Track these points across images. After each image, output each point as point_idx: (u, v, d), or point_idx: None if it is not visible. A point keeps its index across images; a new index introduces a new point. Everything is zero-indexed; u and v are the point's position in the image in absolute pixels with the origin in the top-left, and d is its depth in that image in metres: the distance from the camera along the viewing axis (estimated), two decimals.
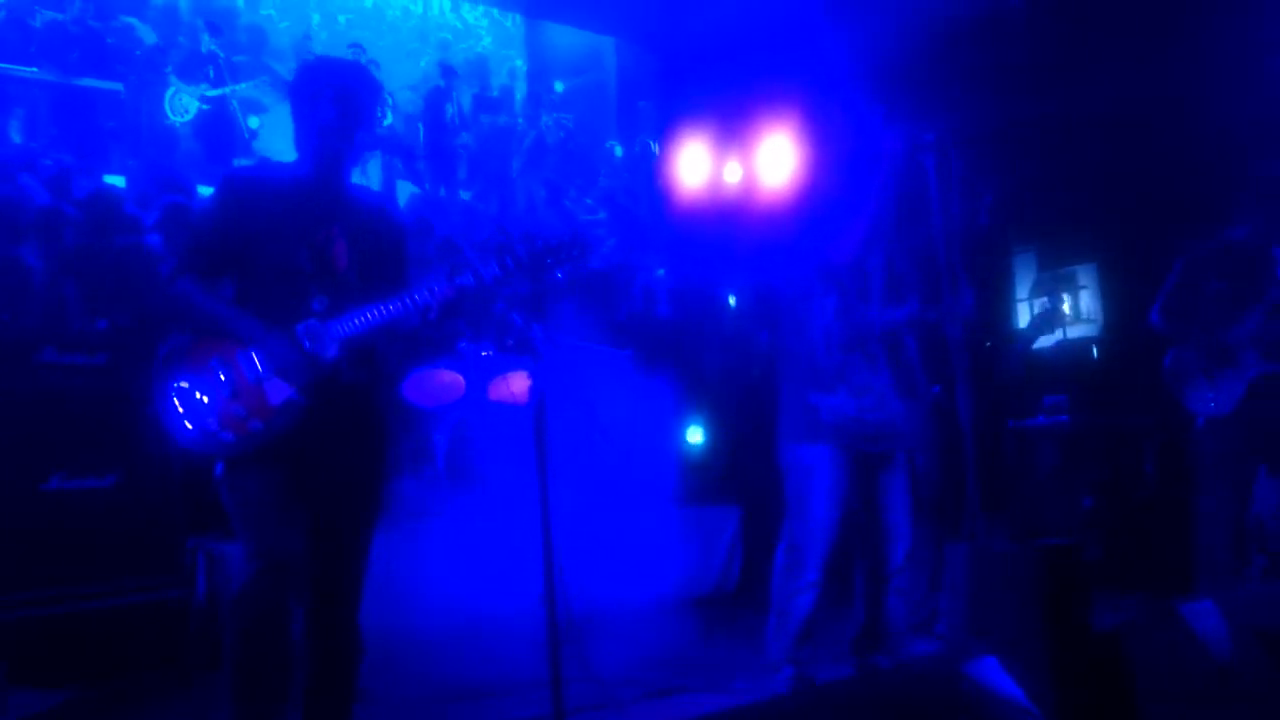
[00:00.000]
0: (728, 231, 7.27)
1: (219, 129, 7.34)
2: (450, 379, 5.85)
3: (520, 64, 9.23)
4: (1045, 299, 8.70)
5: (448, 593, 4.57)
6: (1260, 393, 4.13)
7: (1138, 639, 2.05)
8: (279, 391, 2.64)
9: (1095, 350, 7.88)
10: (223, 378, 2.63)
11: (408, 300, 2.70)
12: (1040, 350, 8.51)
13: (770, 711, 1.94)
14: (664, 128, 8.21)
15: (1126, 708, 1.96)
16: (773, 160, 7.18)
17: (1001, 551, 2.15)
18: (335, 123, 2.74)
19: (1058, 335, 8.52)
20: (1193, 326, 4.32)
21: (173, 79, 7.23)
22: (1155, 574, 5.10)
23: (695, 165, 7.67)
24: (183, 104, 7.29)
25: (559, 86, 9.24)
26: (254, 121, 7.90)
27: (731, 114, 7.53)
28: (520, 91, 9.06)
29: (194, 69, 7.37)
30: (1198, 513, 4.34)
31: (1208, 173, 5.61)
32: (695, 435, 6.31)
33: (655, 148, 8.35)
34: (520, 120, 8.71)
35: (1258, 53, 6.13)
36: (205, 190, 5.91)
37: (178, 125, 7.26)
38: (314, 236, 2.74)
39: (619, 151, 8.91)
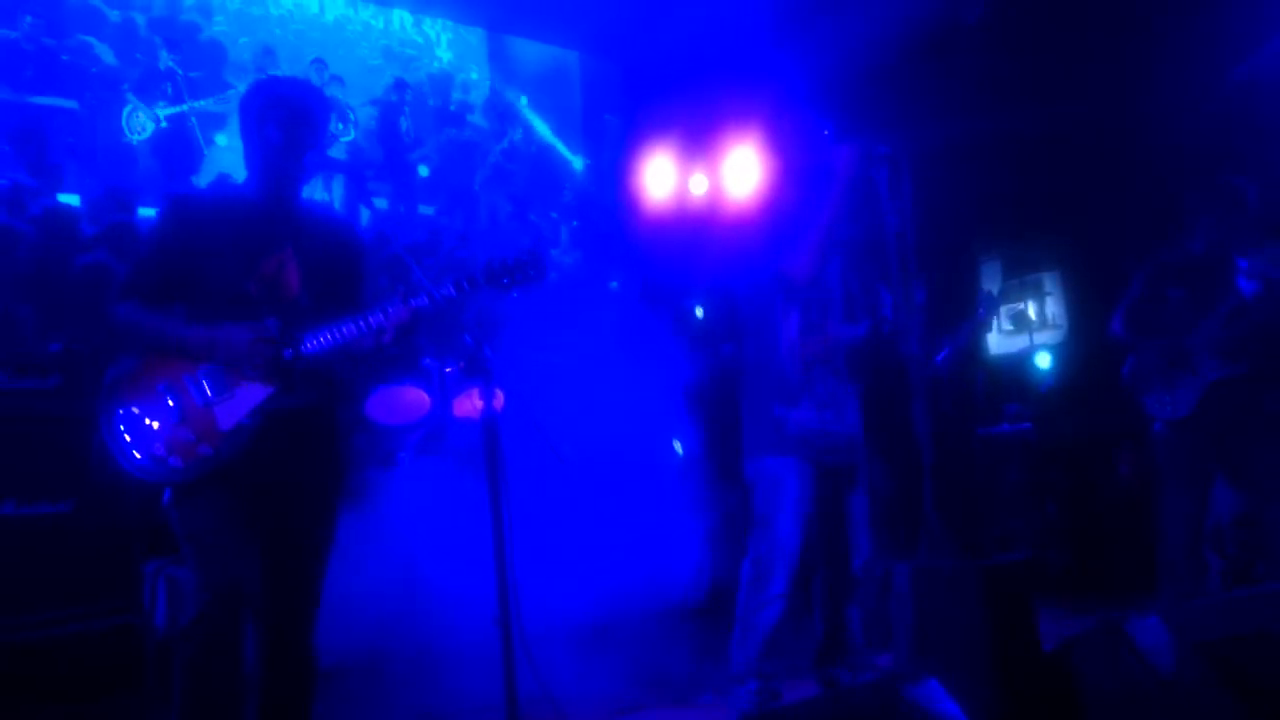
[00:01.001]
0: (694, 244, 7.28)
1: (177, 147, 7.27)
2: (414, 396, 5.81)
3: (483, 78, 9.20)
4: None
5: (407, 612, 4.53)
6: (1217, 398, 4.19)
7: (1084, 656, 2.06)
8: (229, 416, 2.60)
9: (1050, 357, 7.96)
10: (170, 403, 2.59)
11: (361, 323, 2.68)
12: (1005, 356, 8.59)
13: None
14: (629, 141, 8.21)
15: None
16: (738, 173, 7.19)
17: (945, 569, 2.15)
18: (283, 143, 2.71)
19: (1024, 342, 8.62)
20: (1153, 333, 4.38)
21: (130, 96, 7.16)
22: (1121, 579, 5.14)
23: (661, 178, 7.66)
24: (140, 122, 7.21)
25: (523, 100, 9.22)
26: (223, 139, 7.84)
27: (697, 127, 7.54)
28: (484, 106, 9.03)
29: (151, 86, 7.29)
30: (1158, 517, 4.40)
31: (1171, 181, 5.69)
32: (679, 446, 6.31)
33: (621, 161, 8.35)
34: (484, 134, 8.68)
35: (1218, 67, 6.24)
36: (147, 211, 5.85)
37: (135, 143, 7.18)
38: (263, 260, 2.70)
39: (578, 165, 8.90)
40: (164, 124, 7.32)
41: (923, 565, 2.21)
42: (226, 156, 7.66)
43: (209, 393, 2.60)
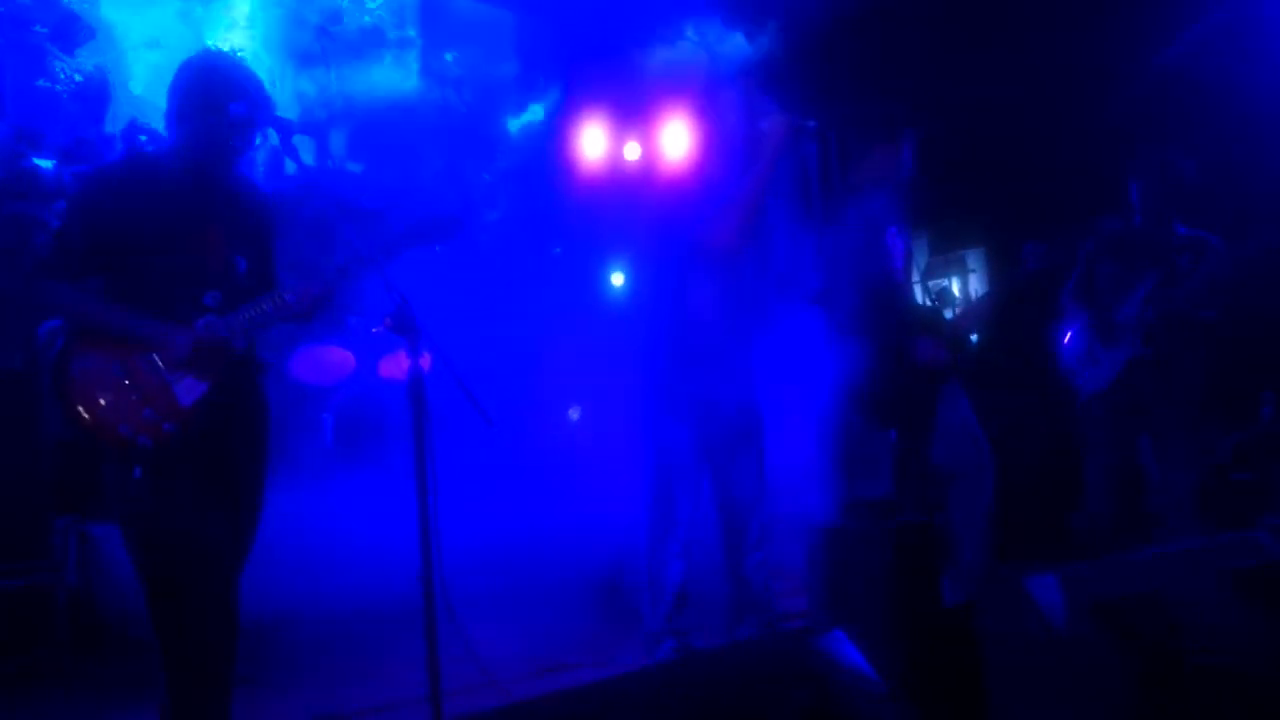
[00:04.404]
0: (626, 210, 7.28)
1: (95, 94, 7.01)
2: (339, 356, 5.77)
3: (415, 35, 9.01)
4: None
5: (330, 572, 4.52)
6: (1130, 376, 4.36)
7: (984, 611, 2.17)
8: (189, 392, 2.63)
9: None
10: (127, 383, 2.58)
11: (302, 291, 2.74)
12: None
13: (634, 682, 1.99)
14: (563, 105, 8.15)
15: (972, 677, 2.07)
16: (672, 142, 7.20)
17: (856, 529, 2.24)
18: (217, 127, 2.71)
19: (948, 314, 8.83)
20: (1088, 307, 4.52)
21: (47, 43, 6.88)
22: (1041, 548, 5.31)
23: (594, 143, 7.63)
24: (58, 67, 6.95)
25: (452, 58, 9.08)
26: (137, 87, 7.59)
27: (631, 94, 7.52)
28: (415, 63, 8.86)
29: (68, 32, 7.00)
30: (1085, 484, 4.58)
31: (1092, 161, 5.85)
32: (575, 413, 6.37)
33: (553, 124, 8.29)
34: (415, 92, 8.53)
35: (1143, 50, 6.42)
36: (45, 163, 5.70)
37: (58, 90, 6.92)
38: (195, 232, 2.71)
39: (514, 126, 8.80)
40: (91, 68, 7.09)
41: (835, 525, 2.30)
42: (142, 104, 7.42)
43: (164, 371, 2.61)
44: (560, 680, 3.81)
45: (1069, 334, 4.62)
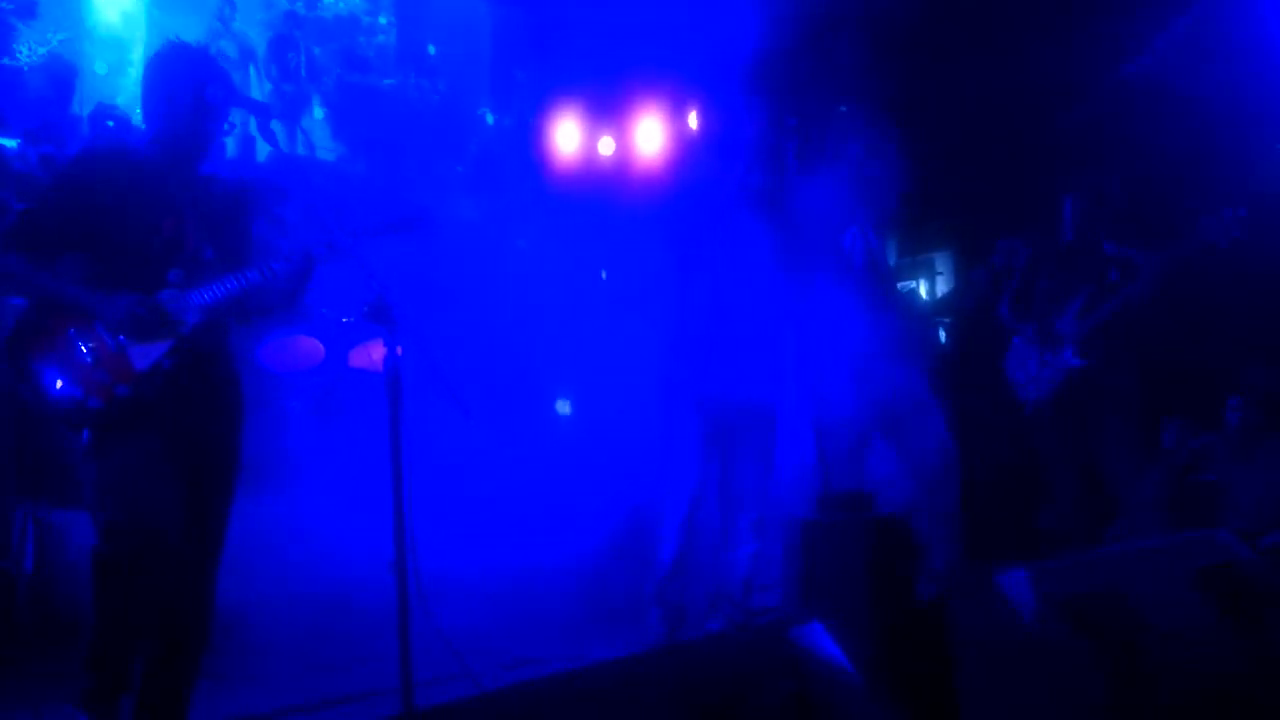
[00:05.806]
0: (601, 206, 7.29)
1: (65, 74, 6.91)
2: (309, 345, 5.73)
3: (391, 23, 8.95)
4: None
5: (300, 561, 4.49)
6: (1073, 385, 4.50)
7: (956, 604, 2.21)
8: (144, 357, 2.62)
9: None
10: (84, 348, 2.60)
11: (265, 269, 2.76)
12: None
13: (609, 672, 2.00)
14: (539, 98, 8.13)
15: (943, 670, 2.10)
16: (646, 137, 7.22)
17: (833, 523, 2.27)
18: (190, 114, 2.78)
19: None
20: (1028, 319, 4.69)
21: (13, 19, 6.77)
22: (1007, 550, 5.40)
23: (569, 137, 7.64)
24: (26, 47, 6.84)
25: (430, 49, 9.04)
26: (101, 67, 7.50)
27: (607, 88, 7.53)
28: (391, 52, 8.79)
29: (28, 13, 6.89)
30: (1049, 488, 4.71)
31: (1060, 165, 5.94)
32: (564, 407, 6.38)
33: (529, 118, 8.27)
34: (390, 81, 8.47)
35: (1108, 63, 6.54)
36: (9, 142, 5.64)
37: (25, 69, 6.80)
38: (164, 218, 2.74)
39: (490, 119, 8.78)
40: (56, 43, 6.99)
41: (812, 519, 2.33)
42: (105, 85, 7.35)
43: (120, 336, 2.62)
44: (534, 672, 3.81)
45: (1012, 344, 4.78)
